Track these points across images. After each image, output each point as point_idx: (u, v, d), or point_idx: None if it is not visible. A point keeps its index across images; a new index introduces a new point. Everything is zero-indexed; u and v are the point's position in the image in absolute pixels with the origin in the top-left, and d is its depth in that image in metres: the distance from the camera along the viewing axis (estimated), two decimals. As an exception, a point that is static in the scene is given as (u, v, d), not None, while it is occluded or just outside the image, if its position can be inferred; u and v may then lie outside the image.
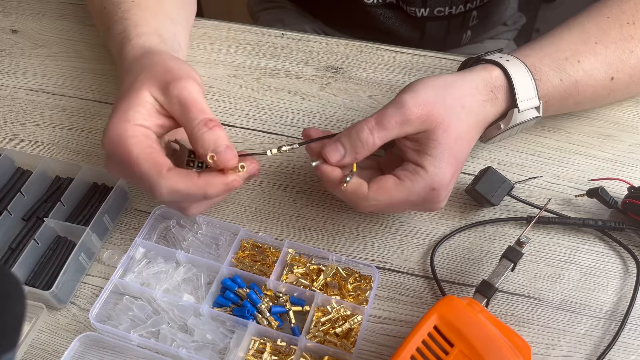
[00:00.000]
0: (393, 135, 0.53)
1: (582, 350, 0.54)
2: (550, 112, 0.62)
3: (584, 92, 0.61)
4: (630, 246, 0.59)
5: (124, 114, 0.52)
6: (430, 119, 0.52)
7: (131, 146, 0.50)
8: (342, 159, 0.53)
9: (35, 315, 0.57)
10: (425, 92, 0.54)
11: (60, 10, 0.86)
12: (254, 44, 0.80)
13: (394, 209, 0.58)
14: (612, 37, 0.62)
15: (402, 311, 0.57)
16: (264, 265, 0.60)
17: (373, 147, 0.53)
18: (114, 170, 0.54)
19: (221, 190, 0.51)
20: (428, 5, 0.84)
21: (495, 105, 0.57)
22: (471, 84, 0.57)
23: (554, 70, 0.60)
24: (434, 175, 0.53)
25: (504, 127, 0.58)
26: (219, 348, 0.55)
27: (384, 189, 0.53)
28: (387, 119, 0.52)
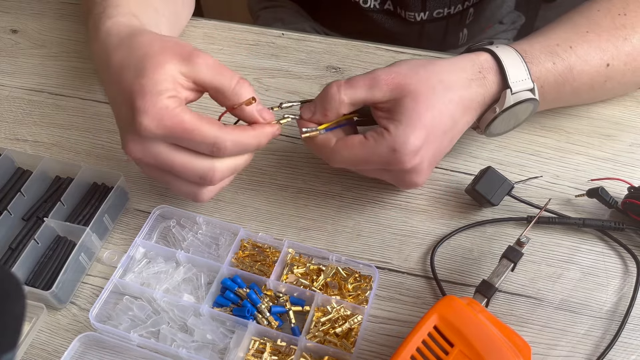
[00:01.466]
0: (360, 96, 0.55)
1: (582, 350, 0.54)
2: (549, 100, 0.62)
3: (580, 78, 0.61)
4: (630, 246, 0.59)
5: (155, 88, 0.51)
6: (399, 87, 0.54)
7: (181, 114, 0.51)
8: (313, 115, 0.57)
9: (35, 315, 0.57)
10: (398, 65, 0.57)
11: (60, 10, 0.86)
12: (254, 44, 0.80)
13: (361, 167, 0.58)
14: (604, 27, 0.62)
15: (402, 311, 0.57)
16: (264, 265, 0.60)
17: (340, 104, 0.55)
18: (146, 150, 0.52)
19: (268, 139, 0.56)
20: (427, 8, 0.84)
21: (485, 86, 0.57)
22: (455, 64, 0.57)
23: (546, 54, 0.60)
24: (395, 137, 0.54)
25: (499, 109, 0.57)
26: (219, 348, 0.55)
27: (349, 145, 0.56)
28: (356, 79, 0.56)
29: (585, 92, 0.64)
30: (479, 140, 0.68)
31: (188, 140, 0.52)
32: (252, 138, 0.54)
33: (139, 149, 0.53)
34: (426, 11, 0.84)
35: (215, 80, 0.53)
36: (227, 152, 0.53)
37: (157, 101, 0.51)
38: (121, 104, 0.53)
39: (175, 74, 0.52)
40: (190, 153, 0.53)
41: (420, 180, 0.57)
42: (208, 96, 0.56)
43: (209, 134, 0.51)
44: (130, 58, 0.54)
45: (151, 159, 0.53)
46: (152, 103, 0.50)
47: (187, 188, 0.56)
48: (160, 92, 0.51)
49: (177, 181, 0.55)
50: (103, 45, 0.57)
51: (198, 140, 0.51)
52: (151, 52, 0.53)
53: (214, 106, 0.74)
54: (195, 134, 0.51)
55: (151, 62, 0.52)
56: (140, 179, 0.67)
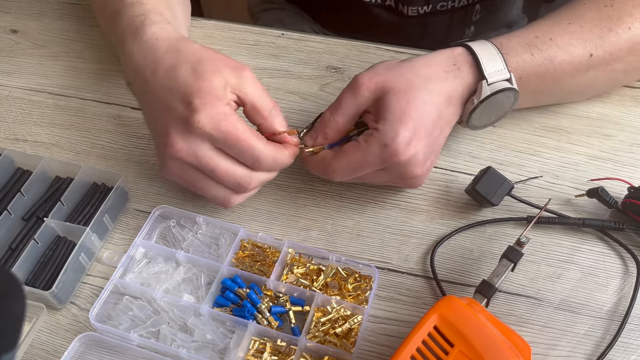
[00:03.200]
0: (350, 109, 0.57)
1: (582, 350, 0.54)
2: (531, 92, 0.62)
3: (561, 68, 0.61)
4: (630, 246, 0.59)
5: (215, 92, 0.53)
6: (380, 87, 0.56)
7: (236, 122, 0.53)
8: (315, 141, 0.60)
9: (35, 315, 0.57)
10: (376, 67, 0.58)
11: (60, 10, 0.86)
12: (254, 44, 0.80)
13: (359, 173, 0.58)
14: (588, 18, 0.62)
15: (402, 311, 0.57)
16: (264, 265, 0.60)
17: (337, 125, 0.58)
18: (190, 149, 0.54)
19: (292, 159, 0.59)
20: (431, 2, 0.84)
21: (461, 77, 0.58)
22: (429, 58, 0.59)
23: (523, 46, 0.61)
24: (384, 133, 0.55)
25: (477, 100, 0.58)
26: (219, 348, 0.55)
27: (342, 153, 0.57)
28: (340, 97, 0.58)
29: (568, 82, 0.64)
30: (479, 140, 0.68)
31: (236, 148, 0.54)
32: (286, 157, 0.58)
33: (186, 146, 0.54)
34: (429, 4, 0.84)
35: (257, 97, 0.56)
36: (265, 166, 0.56)
37: (217, 104, 0.53)
38: (172, 101, 0.54)
39: (225, 83, 0.55)
40: (233, 160, 0.55)
41: (419, 172, 0.57)
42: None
43: (256, 147, 0.54)
44: (184, 61, 0.56)
45: (194, 158, 0.55)
46: (211, 104, 0.53)
47: (221, 192, 0.58)
48: (218, 96, 0.54)
49: (213, 185, 0.57)
50: (150, 48, 0.59)
51: (245, 150, 0.54)
52: (206, 58, 0.56)
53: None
54: (244, 143, 0.54)
55: (208, 67, 0.55)
56: (140, 179, 0.67)
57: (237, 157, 0.55)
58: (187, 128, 0.53)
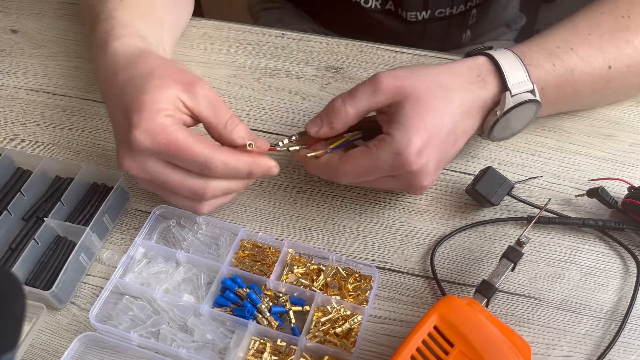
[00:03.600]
0: (364, 104, 0.56)
1: (582, 350, 0.54)
2: (551, 103, 0.61)
3: (581, 80, 0.61)
4: (630, 246, 0.59)
5: (154, 106, 0.52)
6: (400, 90, 0.55)
7: (176, 132, 0.52)
8: (320, 129, 0.58)
9: (35, 315, 0.57)
10: (399, 69, 0.57)
11: (60, 10, 0.86)
12: (254, 44, 0.80)
13: (367, 178, 0.57)
14: (606, 29, 0.62)
15: (402, 311, 0.57)
16: (264, 265, 0.60)
17: (345, 116, 0.56)
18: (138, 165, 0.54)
19: (262, 171, 0.55)
20: (429, 7, 0.84)
21: (485, 89, 0.57)
22: (453, 68, 0.58)
23: (545, 56, 0.60)
24: (398, 140, 0.54)
25: (500, 112, 0.57)
26: (219, 348, 0.55)
27: (351, 157, 0.56)
28: (357, 88, 0.56)
29: (586, 94, 0.64)
30: (479, 140, 0.68)
31: (180, 158, 0.53)
32: (243, 163, 0.54)
33: (134, 164, 0.54)
34: (428, 10, 0.84)
35: (208, 113, 0.55)
36: (218, 172, 0.53)
37: (154, 118, 0.52)
38: (120, 119, 0.54)
39: (175, 99, 0.54)
40: (183, 170, 0.54)
41: (427, 183, 0.57)
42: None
43: (200, 154, 0.52)
44: (134, 76, 0.55)
45: (145, 174, 0.55)
46: (148, 119, 0.52)
47: (184, 202, 0.58)
48: (158, 110, 0.52)
49: (172, 196, 0.57)
50: (110, 64, 0.59)
51: (189, 158, 0.53)
52: (156, 73, 0.55)
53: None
54: (187, 152, 0.52)
55: (153, 82, 0.54)
56: (140, 179, 0.67)
57: (186, 167, 0.54)
58: (130, 145, 0.53)
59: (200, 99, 0.54)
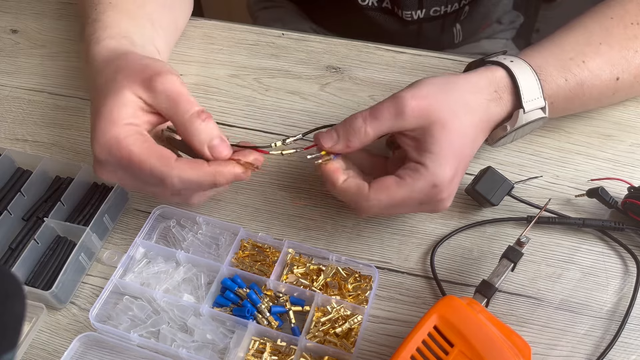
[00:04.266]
0: (386, 126, 0.53)
1: (582, 350, 0.54)
2: (556, 113, 0.62)
3: (589, 92, 0.61)
4: (630, 246, 0.59)
5: (109, 116, 0.51)
6: (426, 114, 0.52)
7: (130, 146, 0.50)
8: (335, 145, 0.54)
9: (35, 315, 0.57)
10: (424, 88, 0.54)
11: (60, 10, 0.86)
12: (254, 44, 0.80)
13: (396, 209, 0.56)
14: (616, 37, 0.61)
15: (402, 311, 0.57)
16: (264, 265, 0.60)
17: (365, 137, 0.53)
18: (109, 175, 0.53)
19: (230, 180, 0.52)
20: (425, 6, 0.84)
21: (500, 105, 0.57)
22: (474, 83, 0.56)
23: (559, 70, 0.59)
24: (434, 172, 0.52)
25: (510, 128, 0.57)
26: (219, 348, 0.55)
27: (384, 187, 0.53)
28: (381, 109, 0.53)
29: (593, 104, 0.65)
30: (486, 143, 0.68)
31: (136, 172, 0.51)
32: (204, 176, 0.51)
33: (104, 172, 0.54)
34: (423, 9, 0.84)
35: (170, 112, 0.52)
36: (175, 187, 0.51)
37: (108, 130, 0.50)
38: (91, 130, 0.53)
39: (135, 99, 0.52)
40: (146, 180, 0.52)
41: (448, 206, 0.56)
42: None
43: (155, 170, 0.50)
44: (102, 82, 0.54)
45: (117, 180, 0.54)
46: (102, 132, 0.51)
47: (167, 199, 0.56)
48: (113, 120, 0.51)
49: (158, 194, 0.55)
50: (90, 70, 0.58)
51: (145, 174, 0.51)
52: (119, 75, 0.53)
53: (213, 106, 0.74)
54: (140, 167, 0.50)
55: (113, 88, 0.52)
56: (140, 179, 0.67)
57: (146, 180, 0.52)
58: (95, 158, 0.52)
59: (158, 95, 0.51)
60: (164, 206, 0.63)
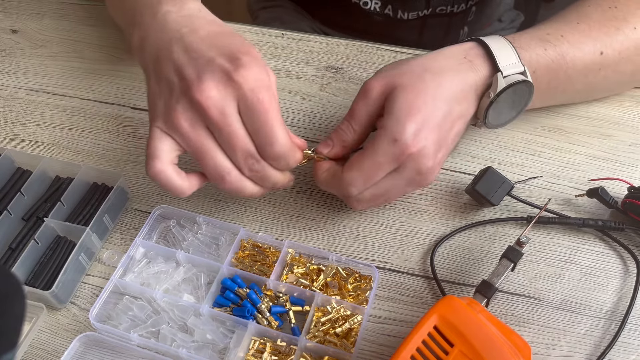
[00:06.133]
0: (363, 116, 0.56)
1: (582, 350, 0.54)
2: (543, 87, 0.61)
3: (573, 64, 0.61)
4: (630, 246, 0.59)
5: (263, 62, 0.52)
6: (387, 87, 0.55)
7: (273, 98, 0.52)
8: (331, 150, 0.58)
9: (35, 315, 0.57)
10: (384, 68, 0.57)
11: (60, 10, 0.86)
12: (254, 44, 0.79)
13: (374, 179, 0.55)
14: (595, 18, 0.62)
15: (402, 311, 0.57)
16: (264, 265, 0.60)
17: (354, 134, 0.57)
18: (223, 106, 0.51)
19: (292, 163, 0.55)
20: (431, 6, 0.84)
21: (474, 71, 0.57)
22: (439, 53, 0.58)
23: (536, 41, 0.60)
24: (391, 128, 0.53)
25: (493, 94, 0.56)
26: (219, 348, 0.55)
27: (352, 164, 0.55)
28: (354, 104, 0.57)
29: (579, 80, 0.64)
30: (479, 140, 0.68)
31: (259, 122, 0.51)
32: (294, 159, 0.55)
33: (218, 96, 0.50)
34: (429, 8, 0.85)
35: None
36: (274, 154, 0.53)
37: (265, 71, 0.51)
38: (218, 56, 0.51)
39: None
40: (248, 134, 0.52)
41: (431, 164, 0.54)
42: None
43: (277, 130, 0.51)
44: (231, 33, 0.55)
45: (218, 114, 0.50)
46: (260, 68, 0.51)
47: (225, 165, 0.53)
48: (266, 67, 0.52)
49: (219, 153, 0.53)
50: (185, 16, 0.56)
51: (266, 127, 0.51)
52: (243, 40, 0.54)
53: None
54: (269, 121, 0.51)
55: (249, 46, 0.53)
56: (141, 179, 0.67)
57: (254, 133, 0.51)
58: (227, 80, 0.50)
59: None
60: (164, 206, 0.63)
